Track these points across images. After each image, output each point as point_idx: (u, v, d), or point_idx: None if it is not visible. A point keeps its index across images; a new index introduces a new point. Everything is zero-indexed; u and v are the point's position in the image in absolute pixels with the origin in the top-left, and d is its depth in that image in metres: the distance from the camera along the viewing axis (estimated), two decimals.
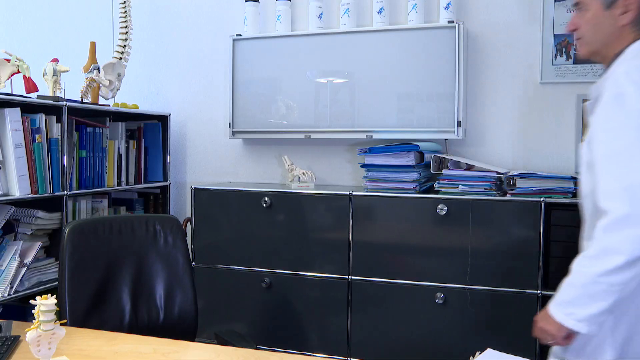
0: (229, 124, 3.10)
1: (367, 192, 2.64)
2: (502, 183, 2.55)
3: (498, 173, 2.51)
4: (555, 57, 2.72)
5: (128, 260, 2.10)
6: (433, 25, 2.76)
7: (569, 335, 1.41)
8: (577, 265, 1.37)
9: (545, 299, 1.90)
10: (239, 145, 3.24)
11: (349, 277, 2.61)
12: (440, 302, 2.48)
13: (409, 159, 2.62)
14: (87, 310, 1.97)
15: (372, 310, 2.59)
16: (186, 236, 2.23)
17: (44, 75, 2.57)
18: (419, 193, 2.58)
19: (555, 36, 2.71)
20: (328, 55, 2.93)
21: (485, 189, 2.48)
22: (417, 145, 2.65)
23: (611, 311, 1.37)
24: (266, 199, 2.73)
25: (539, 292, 2.36)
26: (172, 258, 2.15)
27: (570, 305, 1.37)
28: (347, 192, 2.62)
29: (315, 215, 2.66)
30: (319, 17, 2.99)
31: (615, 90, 1.34)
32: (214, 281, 2.84)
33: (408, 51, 2.78)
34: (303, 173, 2.87)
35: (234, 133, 3.10)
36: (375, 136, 2.85)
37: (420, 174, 2.63)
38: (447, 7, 2.75)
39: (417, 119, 2.78)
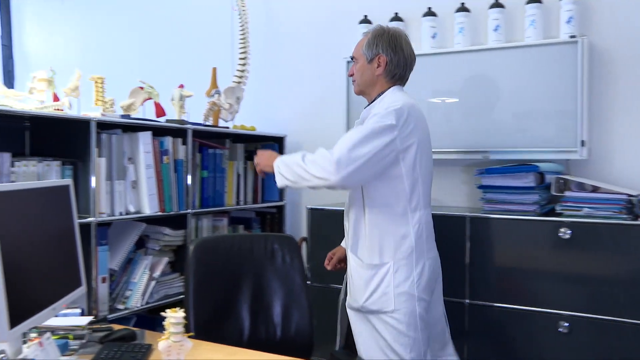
0: None
1: (484, 213, 2.57)
2: (634, 206, 2.39)
3: (629, 195, 2.36)
4: None
5: (247, 276, 2.19)
6: (553, 41, 2.66)
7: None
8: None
9: None
10: None
11: (466, 300, 2.55)
12: (565, 331, 2.35)
13: (529, 180, 2.53)
14: (209, 323, 2.06)
15: (489, 336, 2.50)
16: (302, 255, 2.28)
17: (172, 100, 2.75)
18: (539, 215, 2.48)
19: None
20: (442, 75, 2.90)
21: (614, 212, 2.34)
22: (537, 166, 2.55)
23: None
24: None
25: None
26: (289, 276, 2.21)
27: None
28: (464, 214, 2.56)
29: None
30: (433, 37, 2.97)
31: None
32: (328, 300, 2.86)
33: (525, 68, 2.70)
34: None
35: None
36: (493, 156, 2.77)
37: (540, 196, 2.52)
38: (568, 22, 2.65)
39: (536, 138, 2.68)
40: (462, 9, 2.91)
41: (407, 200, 2.02)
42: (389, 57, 2.10)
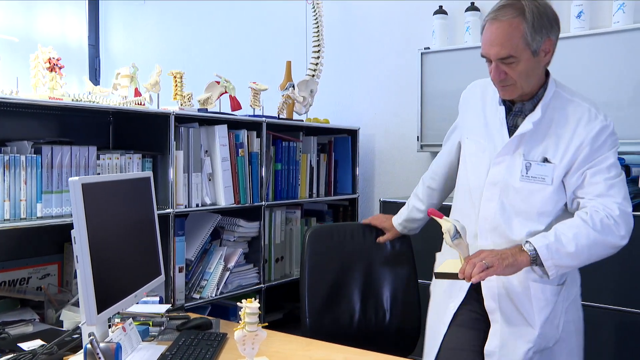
0: (417, 137, 3.11)
1: None
2: None
3: None
4: None
5: (358, 263, 2.26)
6: None
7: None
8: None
9: None
10: (427, 158, 3.23)
11: None
12: None
13: None
14: (322, 306, 2.16)
15: None
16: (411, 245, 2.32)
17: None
18: None
19: None
20: None
21: None
22: (623, 159, 2.42)
23: None
24: None
25: None
26: (398, 264, 2.28)
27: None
28: None
29: None
30: None
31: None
32: None
33: (610, 56, 2.57)
34: None
35: (422, 146, 3.10)
36: None
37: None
38: None
39: (619, 130, 2.53)
40: None
41: None
42: (555, 35, 1.67)
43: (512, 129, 1.73)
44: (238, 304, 1.54)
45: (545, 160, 1.68)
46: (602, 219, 1.61)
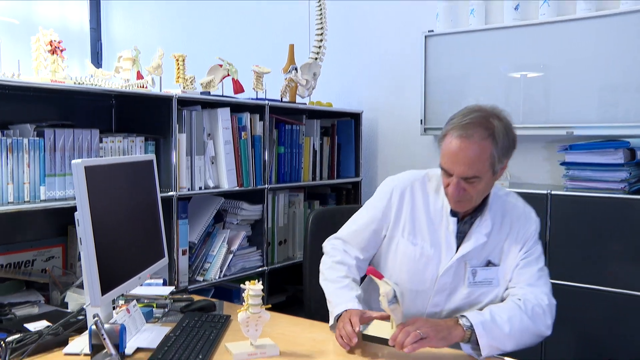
0: (421, 120, 3.10)
1: (566, 191, 2.47)
2: None
3: None
4: None
5: None
6: None
7: None
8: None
9: None
10: (430, 142, 3.23)
11: None
12: None
13: (617, 157, 2.41)
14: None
15: (569, 316, 2.42)
16: None
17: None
18: (628, 194, 2.36)
19: None
20: (523, 48, 2.79)
21: None
22: (628, 142, 2.42)
23: None
24: None
25: None
26: None
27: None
28: (545, 192, 2.48)
29: None
30: (516, 8, 2.86)
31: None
32: None
33: (616, 38, 2.55)
34: None
35: (425, 130, 3.10)
36: (577, 132, 2.65)
37: (630, 173, 2.40)
38: None
39: (624, 112, 2.54)
40: None
41: None
42: (512, 153, 1.67)
43: (457, 235, 1.74)
44: (241, 285, 1.55)
45: (490, 263, 1.73)
46: (533, 307, 1.64)
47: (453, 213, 1.72)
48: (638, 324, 2.28)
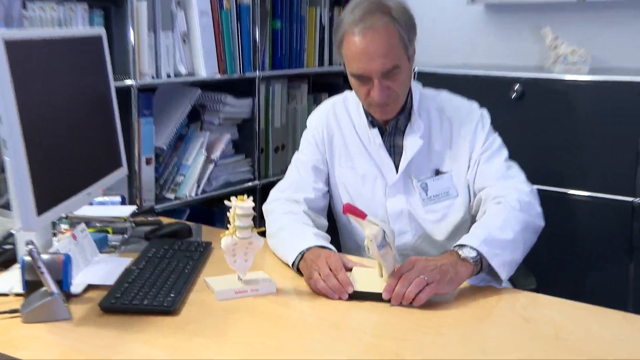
0: None
1: None
2: None
3: None
4: None
5: None
6: None
7: None
8: None
9: None
10: (479, 13, 3.18)
11: (635, 199, 2.45)
12: None
13: None
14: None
15: None
16: None
17: None
18: None
19: None
20: None
21: None
22: None
23: None
24: (516, 87, 2.63)
25: None
26: None
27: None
28: (638, 79, 2.42)
29: (588, 110, 2.52)
30: None
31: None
32: None
33: None
34: (572, 51, 2.71)
35: None
36: None
37: None
38: None
39: None
40: None
41: None
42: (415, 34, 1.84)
43: (391, 151, 1.90)
44: (226, 202, 1.52)
45: (439, 172, 1.89)
46: (519, 200, 1.74)
47: (372, 125, 1.89)
48: None
